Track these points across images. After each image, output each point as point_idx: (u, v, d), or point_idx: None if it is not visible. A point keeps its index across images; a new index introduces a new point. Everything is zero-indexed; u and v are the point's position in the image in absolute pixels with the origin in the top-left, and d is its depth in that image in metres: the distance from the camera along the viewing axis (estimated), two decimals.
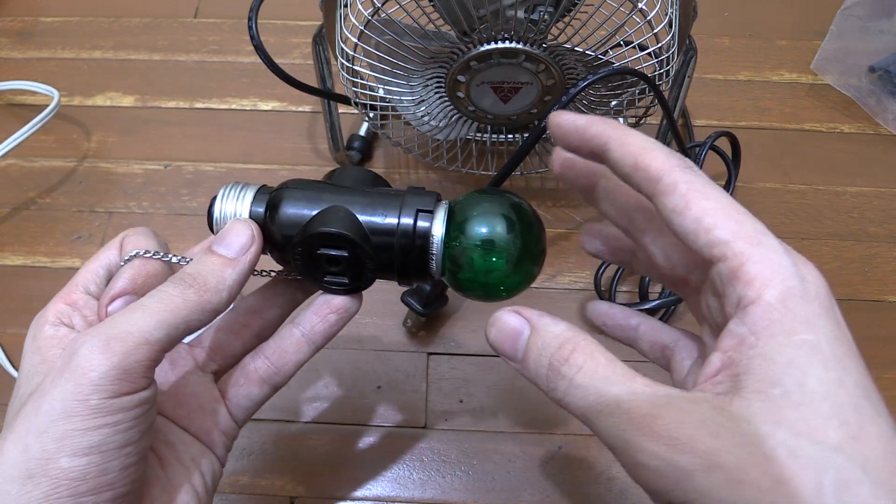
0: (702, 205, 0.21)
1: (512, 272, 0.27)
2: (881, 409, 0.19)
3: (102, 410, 0.22)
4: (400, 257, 0.27)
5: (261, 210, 0.27)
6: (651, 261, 0.26)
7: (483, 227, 0.26)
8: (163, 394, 0.28)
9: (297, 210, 0.27)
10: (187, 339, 0.30)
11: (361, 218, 0.27)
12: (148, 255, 0.27)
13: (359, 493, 0.40)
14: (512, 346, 0.24)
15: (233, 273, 0.25)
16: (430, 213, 0.27)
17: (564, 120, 0.24)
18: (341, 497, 0.40)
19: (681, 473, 0.19)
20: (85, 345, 0.22)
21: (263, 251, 0.27)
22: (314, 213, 0.27)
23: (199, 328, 0.25)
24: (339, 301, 0.29)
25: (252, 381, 0.29)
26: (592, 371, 0.21)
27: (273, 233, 0.27)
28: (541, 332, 0.23)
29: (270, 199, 0.27)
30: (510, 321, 0.24)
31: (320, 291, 0.29)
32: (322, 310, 0.29)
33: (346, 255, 0.27)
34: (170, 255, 0.28)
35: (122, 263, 0.27)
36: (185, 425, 0.28)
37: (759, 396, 0.19)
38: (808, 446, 0.18)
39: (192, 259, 0.27)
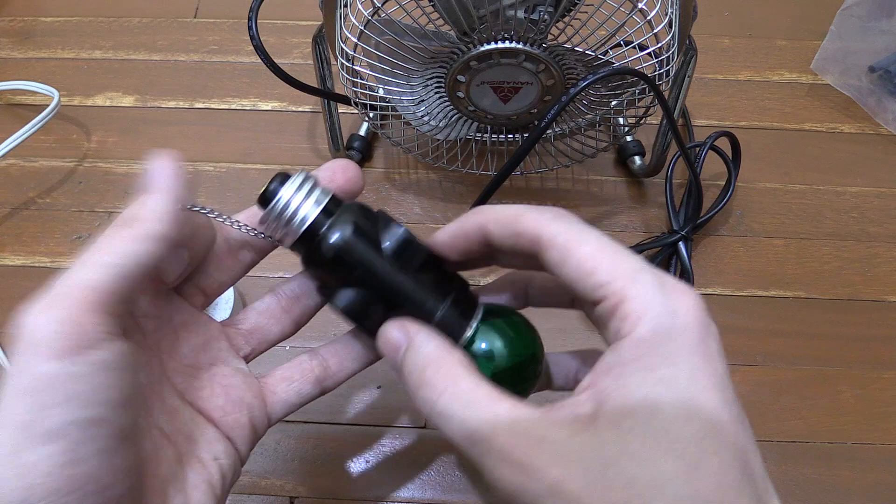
0: (580, 252, 0.23)
1: (518, 381, 0.27)
2: (726, 442, 0.20)
3: (57, 379, 0.19)
4: None
5: (324, 223, 0.26)
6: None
7: (484, 343, 0.26)
8: (195, 381, 0.27)
9: (341, 269, 0.26)
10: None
11: (400, 294, 0.26)
12: (195, 208, 0.27)
13: (359, 493, 0.40)
14: (392, 357, 0.25)
15: (160, 199, 0.24)
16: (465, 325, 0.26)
17: (442, 235, 0.26)
18: (341, 497, 0.40)
19: (530, 498, 0.20)
20: (27, 311, 0.20)
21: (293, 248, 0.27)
22: (353, 284, 0.26)
23: (148, 260, 0.22)
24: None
25: (307, 379, 0.29)
26: (455, 396, 0.22)
27: (315, 252, 0.26)
28: (413, 350, 0.24)
29: (329, 230, 0.26)
30: (391, 334, 0.25)
31: None
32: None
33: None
34: (213, 211, 0.27)
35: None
36: (216, 418, 0.27)
37: (611, 426, 0.20)
38: (647, 477, 0.19)
39: (240, 223, 0.27)
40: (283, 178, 0.26)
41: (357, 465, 0.41)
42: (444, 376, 0.23)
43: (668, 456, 0.19)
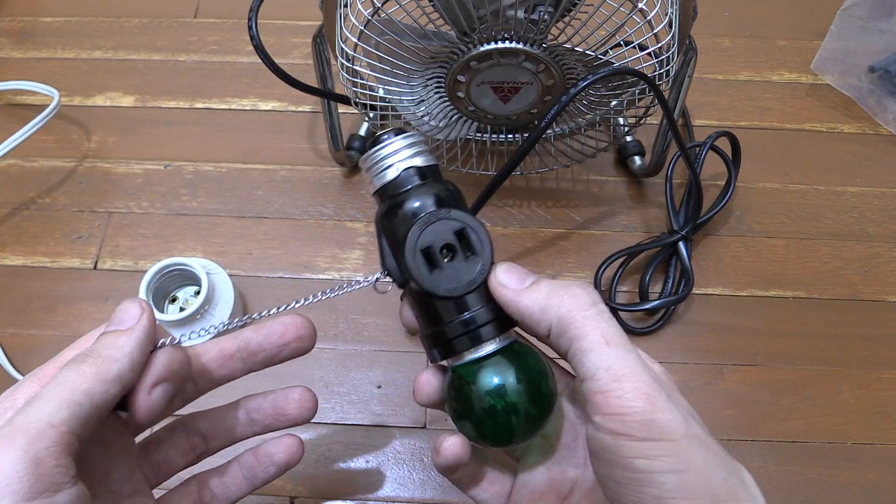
0: (602, 369, 0.24)
1: (519, 421, 0.26)
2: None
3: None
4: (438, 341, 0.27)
5: (412, 182, 0.27)
6: None
7: (496, 382, 0.26)
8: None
9: (398, 238, 0.27)
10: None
11: (448, 303, 0.27)
12: (175, 343, 0.26)
13: (359, 493, 0.40)
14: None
15: (128, 340, 0.24)
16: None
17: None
18: (341, 497, 0.40)
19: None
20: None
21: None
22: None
23: (108, 401, 0.23)
24: (280, 456, 0.31)
25: (183, 453, 0.30)
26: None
27: (388, 209, 0.27)
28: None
29: (421, 186, 0.27)
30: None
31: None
32: (263, 461, 0.31)
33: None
34: (182, 344, 0.27)
35: (155, 349, 0.26)
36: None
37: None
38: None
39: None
40: (399, 130, 0.28)
41: (357, 465, 0.41)
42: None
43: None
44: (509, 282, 0.26)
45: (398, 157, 0.27)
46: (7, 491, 0.19)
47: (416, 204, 0.27)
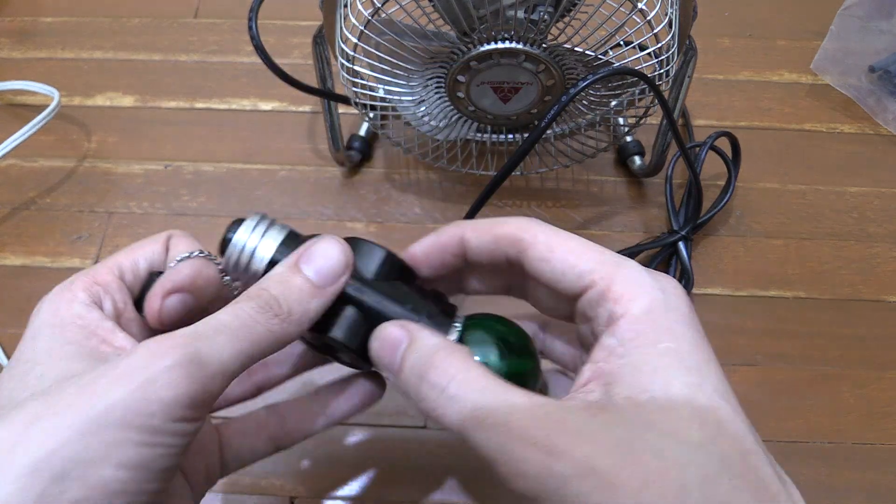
0: (564, 246, 0.24)
1: None
2: (738, 410, 0.21)
3: (163, 431, 0.20)
4: None
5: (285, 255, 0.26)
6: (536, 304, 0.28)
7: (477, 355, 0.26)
8: None
9: None
10: None
11: (382, 312, 0.25)
12: (210, 257, 0.26)
13: (359, 493, 0.40)
14: (390, 356, 0.24)
15: (318, 304, 0.24)
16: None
17: (417, 249, 0.26)
18: (341, 497, 0.40)
19: (558, 480, 0.19)
20: (165, 359, 0.20)
21: None
22: (337, 315, 0.25)
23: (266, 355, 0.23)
24: (366, 388, 0.29)
25: (262, 436, 0.28)
26: (466, 381, 0.22)
27: None
28: (417, 343, 0.24)
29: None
30: (392, 332, 0.24)
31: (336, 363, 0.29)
32: (350, 394, 0.29)
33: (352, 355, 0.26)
34: (224, 270, 0.26)
35: (181, 259, 0.25)
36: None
37: (629, 402, 0.20)
38: (674, 446, 0.19)
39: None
40: (239, 222, 0.26)
41: (357, 465, 0.41)
42: (456, 361, 0.22)
43: (691, 425, 0.20)
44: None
45: (256, 240, 0.26)
46: (168, 410, 0.20)
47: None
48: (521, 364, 0.26)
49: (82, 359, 0.22)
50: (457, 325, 0.26)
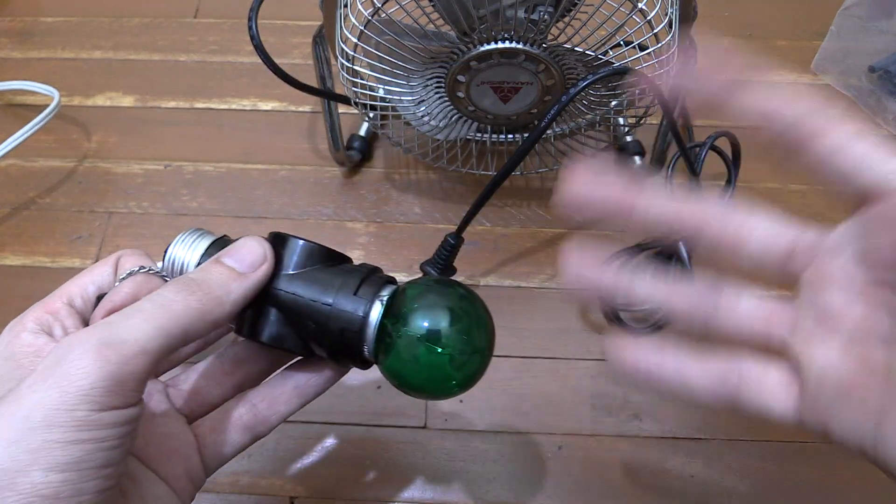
0: (863, 142, 0.20)
1: (455, 367, 0.26)
2: None
3: (88, 424, 0.20)
4: (330, 341, 0.26)
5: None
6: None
7: (424, 320, 0.26)
8: None
9: None
10: (164, 377, 0.29)
11: (298, 301, 0.26)
12: (151, 271, 0.26)
13: (359, 493, 0.40)
14: None
15: (238, 286, 0.24)
16: (367, 299, 0.26)
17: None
18: (341, 497, 0.40)
19: None
20: (76, 348, 0.20)
21: None
22: (265, 314, 0.26)
23: (194, 340, 0.23)
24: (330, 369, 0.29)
25: (235, 427, 0.28)
26: None
27: None
28: None
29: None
30: None
31: None
32: (320, 367, 0.29)
33: None
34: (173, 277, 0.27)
35: (123, 277, 0.26)
36: (154, 466, 0.26)
37: None
38: None
39: None
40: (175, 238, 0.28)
41: (357, 465, 0.41)
42: None
43: None
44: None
45: (185, 249, 0.27)
46: (87, 398, 0.20)
47: None
48: (459, 339, 0.26)
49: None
50: (383, 294, 0.26)
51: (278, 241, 0.27)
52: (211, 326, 0.23)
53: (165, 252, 0.27)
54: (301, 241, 0.26)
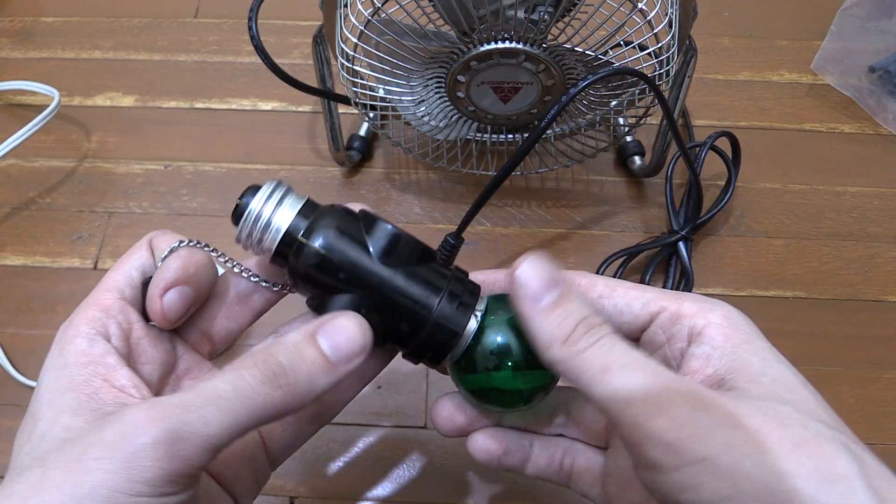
0: (622, 285, 0.25)
1: (524, 381, 0.26)
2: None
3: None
4: (417, 343, 0.26)
5: (297, 233, 0.25)
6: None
7: (500, 336, 0.25)
8: None
9: (325, 272, 0.25)
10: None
11: (395, 299, 0.25)
12: (193, 244, 0.25)
13: (359, 493, 0.40)
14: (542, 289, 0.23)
15: (327, 381, 0.22)
16: (469, 308, 0.26)
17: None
18: (341, 497, 0.40)
19: (704, 430, 0.20)
20: (146, 434, 0.19)
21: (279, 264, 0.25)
22: (338, 286, 0.25)
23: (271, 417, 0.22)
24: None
25: (301, 419, 0.27)
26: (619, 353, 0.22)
27: (297, 259, 0.25)
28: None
29: (307, 233, 0.25)
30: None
31: None
32: (375, 350, 0.27)
33: None
34: (217, 251, 0.26)
35: (166, 255, 0.25)
36: (217, 473, 0.25)
37: (754, 385, 0.22)
38: (814, 424, 0.20)
39: (247, 270, 0.26)
40: (255, 189, 0.26)
41: (357, 465, 0.41)
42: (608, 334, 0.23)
43: (821, 409, 0.22)
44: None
45: (271, 210, 0.25)
46: (150, 486, 0.19)
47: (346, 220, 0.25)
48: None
49: (80, 413, 0.21)
50: (479, 309, 0.26)
51: (368, 223, 0.25)
52: (284, 416, 0.22)
53: (243, 206, 0.25)
54: (397, 231, 0.25)
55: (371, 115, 0.43)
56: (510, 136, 0.46)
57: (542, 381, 0.26)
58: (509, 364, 0.25)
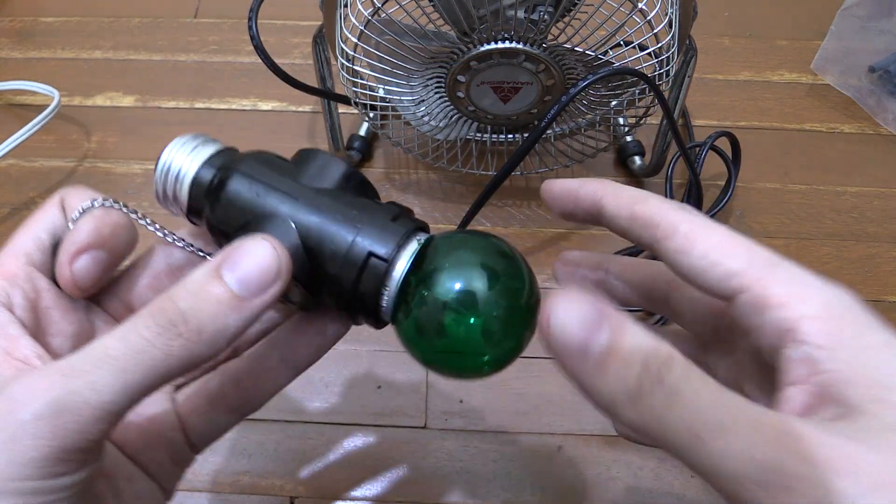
0: (706, 241, 0.20)
1: (494, 340, 0.21)
2: None
3: (39, 491, 0.17)
4: (345, 293, 0.21)
5: (207, 178, 0.23)
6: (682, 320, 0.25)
7: (455, 281, 0.21)
8: None
9: (237, 205, 0.22)
10: None
11: (307, 235, 0.21)
12: (109, 203, 0.23)
13: (359, 493, 0.40)
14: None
15: (238, 319, 0.19)
16: (393, 248, 0.21)
17: (556, 186, 0.23)
18: (341, 497, 0.40)
19: (815, 483, 0.16)
20: (28, 406, 0.17)
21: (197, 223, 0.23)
22: (254, 215, 0.22)
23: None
24: (327, 323, 0.25)
25: (218, 408, 0.25)
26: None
27: (210, 214, 0.23)
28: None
29: (219, 172, 0.23)
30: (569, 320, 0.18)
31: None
32: (310, 335, 0.25)
33: None
34: (135, 211, 0.23)
35: (78, 216, 0.22)
36: (133, 454, 0.23)
37: (884, 407, 0.17)
38: None
39: (177, 238, 0.23)
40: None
41: (357, 465, 0.41)
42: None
43: None
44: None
45: (182, 159, 0.23)
46: (40, 469, 0.17)
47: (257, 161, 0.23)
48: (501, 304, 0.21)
49: None
50: (420, 237, 0.22)
51: (304, 155, 0.23)
52: (195, 367, 0.19)
53: (159, 159, 0.23)
54: (333, 157, 0.22)
55: (371, 115, 0.43)
56: (510, 136, 0.46)
57: (497, 325, 0.21)
58: (467, 314, 0.20)
